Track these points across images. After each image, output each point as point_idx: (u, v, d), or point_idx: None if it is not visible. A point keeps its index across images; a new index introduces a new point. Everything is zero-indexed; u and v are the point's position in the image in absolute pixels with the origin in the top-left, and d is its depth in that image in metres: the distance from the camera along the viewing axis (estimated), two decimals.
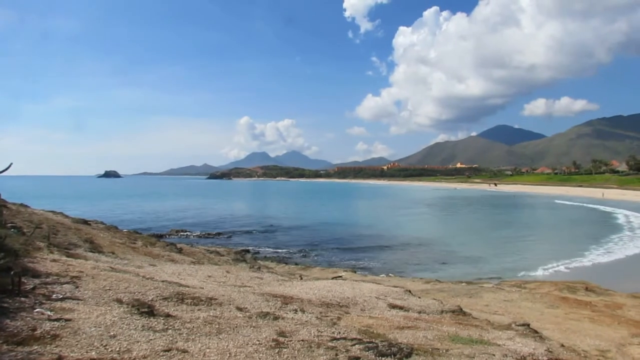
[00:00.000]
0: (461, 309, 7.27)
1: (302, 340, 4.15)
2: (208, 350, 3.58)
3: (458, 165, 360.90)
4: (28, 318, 3.65)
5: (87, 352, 3.19)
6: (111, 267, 6.96)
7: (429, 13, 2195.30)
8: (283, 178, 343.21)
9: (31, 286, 4.54)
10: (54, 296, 4.44)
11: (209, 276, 8.48)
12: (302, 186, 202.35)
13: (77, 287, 4.93)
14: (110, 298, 4.73)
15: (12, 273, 4.28)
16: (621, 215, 50.37)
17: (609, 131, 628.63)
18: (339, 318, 5.52)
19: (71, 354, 3.11)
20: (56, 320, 3.73)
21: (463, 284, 16.60)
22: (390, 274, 20.76)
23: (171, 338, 3.76)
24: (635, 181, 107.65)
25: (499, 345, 4.94)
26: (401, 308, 6.74)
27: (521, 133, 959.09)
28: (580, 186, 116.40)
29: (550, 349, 5.05)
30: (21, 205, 13.64)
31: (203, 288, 6.35)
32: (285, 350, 3.79)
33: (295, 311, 5.50)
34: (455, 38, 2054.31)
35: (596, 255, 25.96)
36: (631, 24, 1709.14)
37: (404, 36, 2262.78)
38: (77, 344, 3.30)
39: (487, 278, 19.81)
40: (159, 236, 26.47)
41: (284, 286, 7.99)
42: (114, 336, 3.59)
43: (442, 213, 63.68)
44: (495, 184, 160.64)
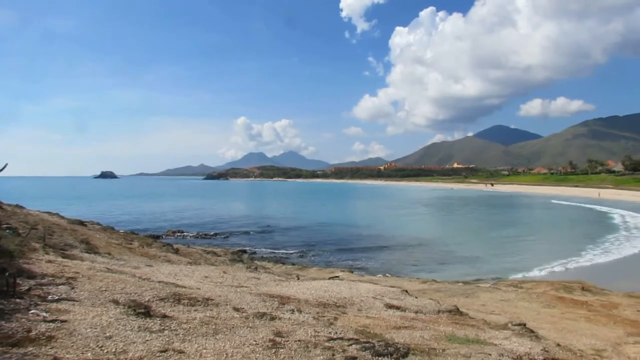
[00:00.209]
0: (458, 309, 7.29)
1: (299, 340, 4.15)
2: (205, 350, 3.57)
3: (455, 165, 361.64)
4: (23, 319, 3.63)
5: (83, 354, 3.17)
6: (107, 268, 6.94)
7: (425, 13, 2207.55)
8: (280, 178, 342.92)
9: (26, 287, 4.52)
10: (50, 297, 4.42)
11: (206, 277, 8.46)
12: (299, 186, 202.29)
13: (73, 288, 4.91)
14: (106, 299, 4.72)
15: (7, 274, 4.26)
16: (617, 215, 50.69)
17: (605, 131, 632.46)
18: (336, 318, 5.52)
19: (67, 356, 3.09)
20: (52, 321, 3.72)
21: (460, 284, 16.65)
22: (387, 274, 20.79)
23: (167, 339, 3.75)
24: (631, 181, 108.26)
25: (496, 344, 4.95)
26: (398, 308, 6.75)
27: (517, 133, 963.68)
28: (576, 186, 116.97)
29: (546, 349, 5.06)
30: (16, 206, 13.56)
31: (200, 289, 6.34)
32: (282, 350, 3.78)
33: (292, 311, 5.50)
34: (451, 38, 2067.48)
35: (592, 255, 26.10)
36: (627, 25, 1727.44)
37: (401, 36, 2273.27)
38: (73, 345, 3.28)
39: (484, 278, 19.88)
40: (156, 237, 26.36)
41: (281, 286, 7.99)
42: (110, 337, 3.57)
43: (439, 213, 63.87)
44: (492, 184, 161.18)
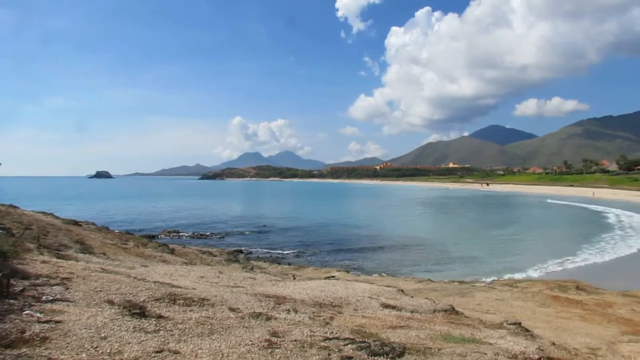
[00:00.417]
0: (453, 308, 7.32)
1: (295, 340, 4.15)
2: (200, 351, 3.57)
3: (450, 165, 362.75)
4: (17, 320, 3.60)
5: (78, 354, 3.15)
6: (102, 268, 6.90)
7: (421, 13, 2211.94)
8: (276, 178, 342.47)
9: (20, 288, 4.49)
10: (44, 298, 4.39)
11: (202, 277, 8.44)
12: (296, 186, 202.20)
13: (68, 289, 4.88)
14: (101, 299, 4.69)
15: (1, 275, 4.22)
16: (612, 214, 51.07)
17: (599, 131, 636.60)
18: (332, 318, 5.53)
19: (61, 357, 3.08)
20: (46, 322, 3.69)
21: (455, 284, 16.71)
22: (383, 274, 20.82)
23: (163, 339, 3.73)
24: (625, 181, 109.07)
25: (491, 344, 4.97)
26: (394, 307, 6.76)
27: (513, 133, 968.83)
28: (571, 186, 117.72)
29: (541, 347, 5.09)
30: (10, 206, 13.47)
31: (195, 289, 6.32)
32: (277, 350, 3.78)
33: (288, 311, 5.50)
34: (447, 38, 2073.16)
35: (587, 254, 26.24)
36: (621, 25, 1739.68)
37: (396, 36, 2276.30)
38: (67, 346, 3.26)
39: (480, 277, 19.96)
40: (151, 237, 26.23)
41: (277, 286, 7.98)
42: (105, 338, 3.56)
43: (435, 213, 64.07)
44: (487, 184, 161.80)
